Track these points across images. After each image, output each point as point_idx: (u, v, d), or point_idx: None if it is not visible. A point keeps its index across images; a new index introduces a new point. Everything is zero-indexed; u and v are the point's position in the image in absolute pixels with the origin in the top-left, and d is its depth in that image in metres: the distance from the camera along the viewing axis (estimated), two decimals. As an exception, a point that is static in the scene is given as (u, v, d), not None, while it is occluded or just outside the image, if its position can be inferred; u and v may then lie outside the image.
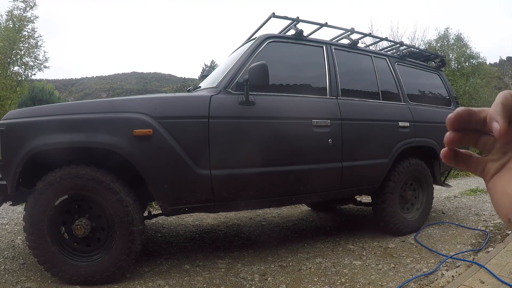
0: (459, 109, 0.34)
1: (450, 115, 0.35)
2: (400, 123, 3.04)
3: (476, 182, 6.34)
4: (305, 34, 2.84)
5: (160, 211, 2.68)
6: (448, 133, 0.36)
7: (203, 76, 3.64)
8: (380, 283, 2.17)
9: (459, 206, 4.35)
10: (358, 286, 2.14)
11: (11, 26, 16.11)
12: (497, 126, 0.30)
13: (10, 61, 16.29)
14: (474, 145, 0.36)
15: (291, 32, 2.82)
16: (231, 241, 3.06)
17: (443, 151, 0.37)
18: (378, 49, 4.14)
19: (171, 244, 2.94)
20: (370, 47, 4.45)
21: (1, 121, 2.04)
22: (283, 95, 2.55)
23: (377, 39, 3.88)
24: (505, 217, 0.31)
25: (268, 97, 2.46)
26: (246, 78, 2.27)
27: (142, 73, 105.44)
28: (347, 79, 2.93)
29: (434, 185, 3.47)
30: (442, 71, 3.88)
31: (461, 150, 0.37)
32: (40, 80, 21.64)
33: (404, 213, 3.19)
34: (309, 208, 4.34)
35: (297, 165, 2.50)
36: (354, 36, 3.19)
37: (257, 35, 2.81)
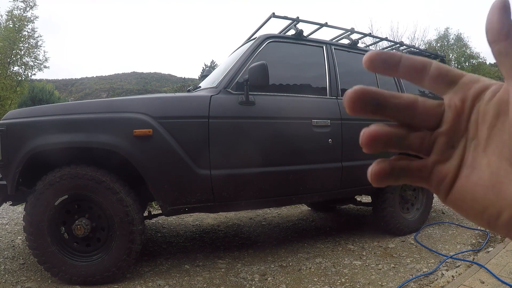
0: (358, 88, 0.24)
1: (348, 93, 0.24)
2: (400, 123, 3.04)
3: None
4: (305, 34, 2.84)
5: (160, 211, 2.68)
6: (371, 126, 0.23)
7: (203, 76, 3.64)
8: (380, 283, 2.17)
9: (459, 206, 4.34)
10: (358, 286, 2.14)
11: (11, 26, 16.15)
12: None
13: (10, 61, 16.32)
14: (402, 146, 0.24)
15: (291, 32, 2.82)
16: (231, 241, 3.06)
17: (373, 168, 0.24)
18: (378, 49, 4.13)
19: (171, 244, 2.94)
20: (370, 47, 4.44)
21: (1, 121, 2.05)
22: (283, 95, 2.55)
23: (377, 39, 3.88)
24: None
25: (268, 97, 2.46)
26: (246, 78, 2.27)
27: (142, 73, 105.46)
28: (347, 79, 2.92)
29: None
30: (442, 71, 3.87)
31: (395, 157, 0.24)
32: (40, 80, 21.67)
33: (404, 213, 3.19)
34: (309, 208, 4.34)
35: (297, 165, 2.50)
36: (354, 36, 3.19)
37: (257, 35, 2.81)
